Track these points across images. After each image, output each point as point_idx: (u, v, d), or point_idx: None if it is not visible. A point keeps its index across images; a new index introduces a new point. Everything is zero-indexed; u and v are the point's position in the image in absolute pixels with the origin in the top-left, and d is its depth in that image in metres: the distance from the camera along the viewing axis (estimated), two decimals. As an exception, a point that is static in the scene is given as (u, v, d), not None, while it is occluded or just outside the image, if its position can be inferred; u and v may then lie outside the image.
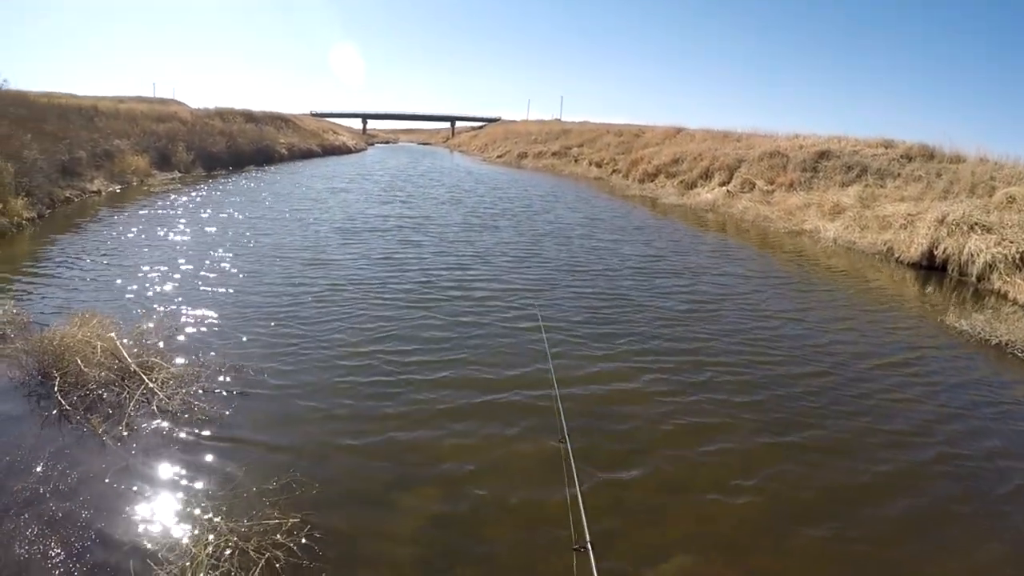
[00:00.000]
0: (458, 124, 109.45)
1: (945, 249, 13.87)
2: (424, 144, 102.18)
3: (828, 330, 9.32)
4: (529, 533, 4.48)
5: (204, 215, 17.29)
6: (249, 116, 45.29)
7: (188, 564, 3.92)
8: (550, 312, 9.29)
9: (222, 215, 17.45)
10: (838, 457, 5.72)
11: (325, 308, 9.10)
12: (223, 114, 41.73)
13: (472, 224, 17.49)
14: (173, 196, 21.54)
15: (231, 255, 12.37)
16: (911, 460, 5.76)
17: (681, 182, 27.32)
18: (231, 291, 9.84)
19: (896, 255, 14.73)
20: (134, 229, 14.75)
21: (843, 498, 5.09)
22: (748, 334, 8.89)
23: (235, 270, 11.14)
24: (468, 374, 7.08)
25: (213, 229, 15.20)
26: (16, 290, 9.43)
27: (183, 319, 8.42)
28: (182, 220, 16.30)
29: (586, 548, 3.40)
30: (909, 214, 15.70)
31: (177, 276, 10.57)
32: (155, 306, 8.90)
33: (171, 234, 14.30)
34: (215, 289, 9.89)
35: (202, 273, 10.86)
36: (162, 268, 11.06)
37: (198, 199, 21.05)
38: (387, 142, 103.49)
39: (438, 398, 6.42)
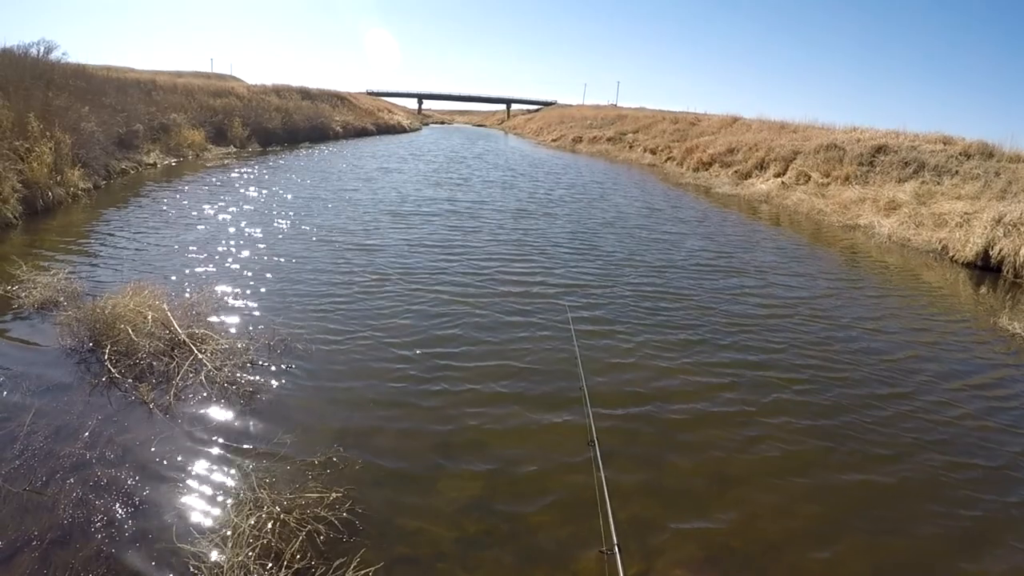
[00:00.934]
0: (513, 107, 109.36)
1: (1001, 250, 13.49)
2: (479, 126, 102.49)
3: (903, 343, 8.67)
4: (564, 526, 4.40)
5: (257, 192, 17.58)
6: (305, 93, 45.96)
7: (230, 533, 3.96)
8: (609, 311, 8.96)
9: (275, 192, 17.73)
10: (911, 497, 5.12)
11: (374, 292, 9.08)
12: (279, 91, 42.40)
13: (528, 211, 17.12)
14: (227, 171, 22.05)
15: (282, 234, 12.56)
16: (991, 506, 5.06)
17: (736, 172, 27.08)
18: (281, 270, 9.97)
19: (950, 254, 14.42)
20: (187, 203, 15.12)
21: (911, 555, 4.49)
22: (821, 346, 8.26)
23: (285, 249, 11.27)
24: (515, 369, 6.91)
25: (265, 206, 15.47)
26: (69, 259, 9.71)
27: (233, 294, 8.56)
28: (235, 196, 16.64)
29: (612, 552, 3.36)
30: (965, 213, 15.36)
31: (228, 252, 10.77)
32: (205, 280, 9.07)
33: (223, 210, 14.59)
34: (265, 267, 10.03)
35: (252, 250, 11.03)
36: (213, 243, 11.30)
37: (252, 175, 21.49)
38: (442, 123, 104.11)
39: (482, 389, 6.34)
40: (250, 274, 9.53)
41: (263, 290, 8.83)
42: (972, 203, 16.06)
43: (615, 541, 3.43)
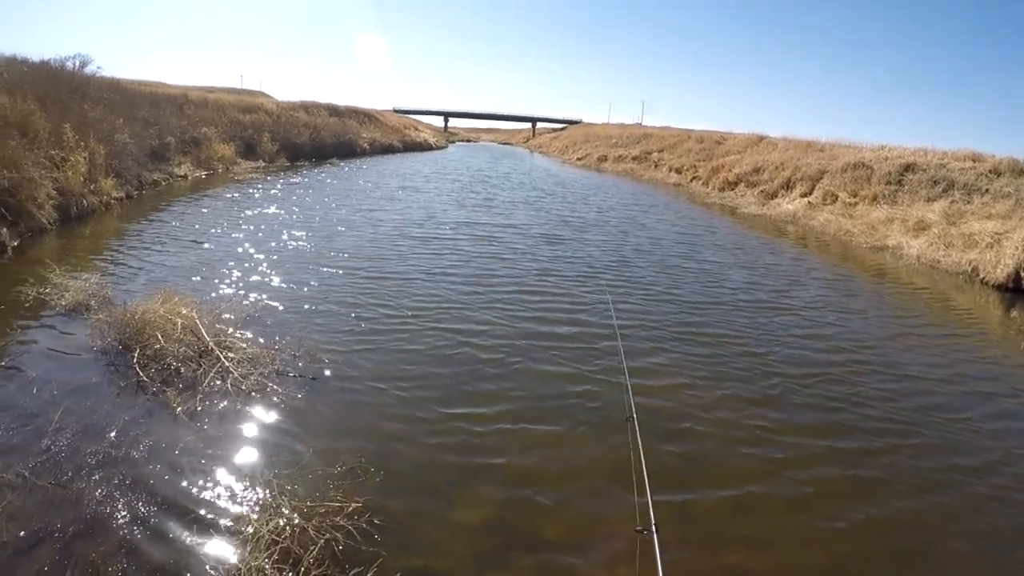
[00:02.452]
0: (539, 125, 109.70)
1: None
2: (504, 144, 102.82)
3: (973, 396, 7.57)
4: (586, 546, 4.39)
5: (284, 208, 17.75)
6: (333, 110, 46.52)
7: (250, 537, 4.02)
8: (653, 355, 8.03)
9: (302, 208, 17.92)
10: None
11: (398, 312, 8.98)
12: (308, 107, 42.96)
13: (556, 236, 16.16)
14: (256, 185, 22.44)
15: (308, 250, 12.66)
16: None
17: (762, 192, 26.76)
18: (306, 285, 10.05)
19: (981, 276, 14.04)
20: (216, 215, 15.41)
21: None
22: (888, 402, 7.11)
23: (312, 265, 11.32)
24: (543, 396, 6.92)
25: (291, 222, 15.65)
26: (100, 265, 9.95)
27: (259, 305, 8.64)
28: (263, 210, 16.85)
29: (650, 531, 3.29)
30: (996, 233, 14.98)
31: (255, 265, 10.90)
32: (233, 290, 9.22)
33: (251, 223, 14.80)
34: (291, 281, 10.12)
35: (279, 264, 11.11)
36: (241, 255, 11.48)
37: (279, 190, 21.79)
38: (468, 140, 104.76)
39: (506, 411, 6.26)
40: (276, 287, 9.63)
41: (288, 303, 8.90)
42: (1003, 222, 15.70)
43: (652, 520, 3.35)
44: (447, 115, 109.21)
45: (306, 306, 8.87)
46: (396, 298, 9.57)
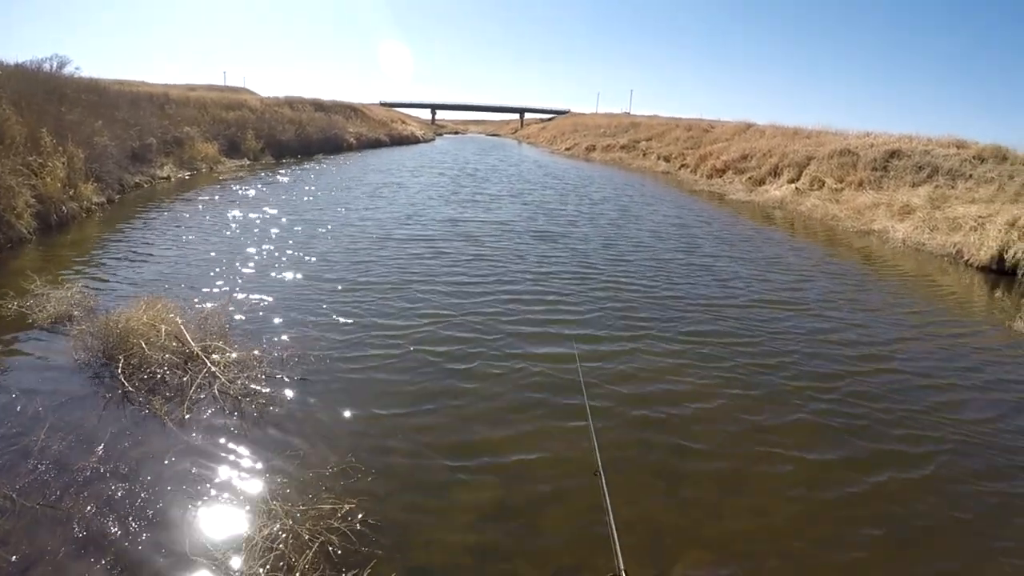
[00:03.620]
0: (527, 116, 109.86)
1: (1015, 253, 13.69)
2: (493, 135, 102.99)
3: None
4: (578, 540, 4.43)
5: (267, 208, 17.62)
6: (319, 105, 46.47)
7: (244, 545, 4.03)
8: (660, 366, 7.49)
9: (285, 208, 17.87)
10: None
11: (384, 311, 8.98)
12: (292, 103, 42.83)
13: (547, 233, 15.66)
14: (240, 184, 22.33)
15: (293, 250, 12.68)
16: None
17: (750, 178, 27.58)
18: (293, 286, 10.09)
19: (965, 258, 14.62)
20: (200, 217, 15.36)
21: None
22: (929, 412, 6.72)
23: (297, 265, 11.40)
24: (531, 389, 7.05)
25: (275, 222, 15.65)
26: (83, 273, 9.89)
27: (245, 308, 8.64)
28: (247, 211, 16.76)
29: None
30: (979, 216, 15.57)
31: (240, 267, 10.89)
32: (218, 294, 9.20)
33: (235, 225, 14.77)
34: (277, 282, 10.16)
35: (264, 266, 11.13)
36: (226, 258, 11.44)
37: (263, 189, 21.72)
38: (456, 132, 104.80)
39: (495, 406, 6.33)
40: (261, 291, 9.58)
41: (274, 306, 8.89)
42: (986, 206, 16.29)
43: (621, 566, 3.38)
44: (434, 107, 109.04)
45: (292, 308, 8.86)
46: (381, 300, 9.50)
